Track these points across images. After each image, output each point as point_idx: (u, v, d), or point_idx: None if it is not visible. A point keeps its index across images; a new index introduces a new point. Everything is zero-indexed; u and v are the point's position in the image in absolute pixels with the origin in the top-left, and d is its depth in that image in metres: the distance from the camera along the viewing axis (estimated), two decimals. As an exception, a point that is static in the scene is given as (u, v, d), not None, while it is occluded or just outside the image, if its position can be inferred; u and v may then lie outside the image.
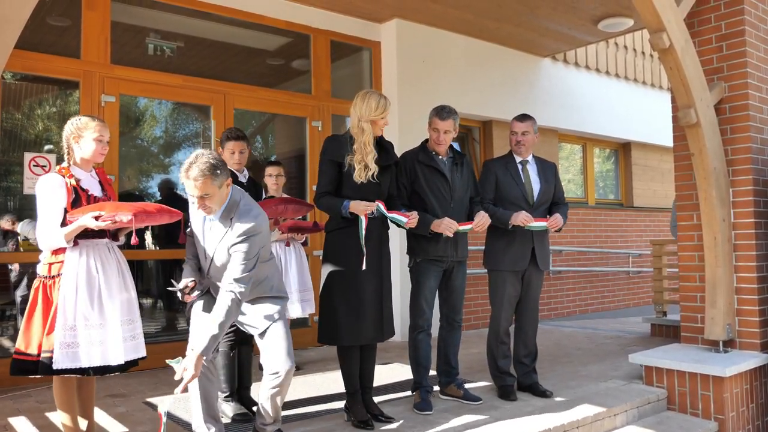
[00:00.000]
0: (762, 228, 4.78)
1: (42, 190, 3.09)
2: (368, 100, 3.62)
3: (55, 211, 3.06)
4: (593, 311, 9.20)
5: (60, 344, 2.94)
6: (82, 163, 3.24)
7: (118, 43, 5.54)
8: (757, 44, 4.91)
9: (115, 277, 3.16)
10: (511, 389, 4.28)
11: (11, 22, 2.05)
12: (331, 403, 4.16)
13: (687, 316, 5.03)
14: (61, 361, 2.93)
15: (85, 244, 3.09)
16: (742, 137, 4.77)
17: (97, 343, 3.02)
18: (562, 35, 7.82)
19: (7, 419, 3.92)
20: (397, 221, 3.70)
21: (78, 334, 2.99)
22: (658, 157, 10.57)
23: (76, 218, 3.02)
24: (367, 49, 7.16)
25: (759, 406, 4.66)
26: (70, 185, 3.11)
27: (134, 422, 3.84)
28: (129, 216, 2.99)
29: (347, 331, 3.57)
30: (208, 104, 5.97)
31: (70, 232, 3.01)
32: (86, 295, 3.03)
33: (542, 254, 4.35)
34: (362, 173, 3.58)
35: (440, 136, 4.06)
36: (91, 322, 3.02)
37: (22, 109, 5.40)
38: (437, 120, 4.06)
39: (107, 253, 3.19)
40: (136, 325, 3.21)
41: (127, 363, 3.13)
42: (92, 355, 3.00)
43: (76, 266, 3.04)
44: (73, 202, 3.09)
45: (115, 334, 3.07)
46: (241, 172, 4.26)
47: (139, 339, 3.22)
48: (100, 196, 3.23)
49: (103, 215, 2.98)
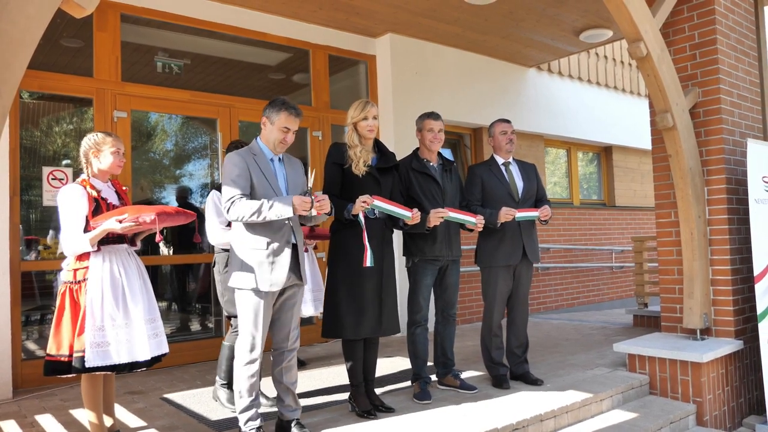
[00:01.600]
0: (735, 224, 4.86)
1: (64, 199, 3.16)
2: (353, 106, 3.79)
3: (79, 219, 3.13)
4: (579, 304, 9.27)
5: (91, 344, 3.01)
6: (101, 174, 3.33)
7: (129, 61, 5.59)
8: (728, 52, 4.99)
9: (136, 280, 3.23)
10: (504, 378, 4.35)
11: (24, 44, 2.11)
12: (335, 395, 4.22)
13: (667, 306, 5.10)
14: (93, 360, 3.01)
15: (107, 249, 3.17)
16: (716, 139, 4.84)
17: (125, 342, 3.09)
18: (546, 46, 7.88)
19: (34, 417, 3.97)
20: (401, 215, 3.69)
21: (106, 333, 3.06)
22: (637, 160, 10.65)
23: (99, 224, 3.10)
24: (363, 62, 7.23)
25: (733, 388, 4.74)
26: (91, 195, 3.19)
27: (152, 417, 3.89)
28: (152, 216, 3.07)
29: (349, 325, 3.62)
30: (215, 117, 6.03)
31: (95, 236, 3.08)
32: (111, 296, 3.10)
33: (532, 248, 4.42)
34: (358, 166, 3.67)
35: (436, 135, 4.15)
36: (117, 322, 3.09)
37: (40, 127, 5.44)
38: (431, 121, 4.16)
39: (127, 257, 3.27)
40: (157, 323, 3.28)
41: (153, 359, 3.20)
42: (121, 352, 3.07)
43: (100, 270, 3.12)
44: (94, 210, 3.17)
45: (140, 333, 3.14)
46: None
47: (161, 336, 3.28)
48: (117, 204, 3.32)
49: (126, 217, 3.06)
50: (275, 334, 3.40)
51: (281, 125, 3.29)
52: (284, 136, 3.30)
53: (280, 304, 3.36)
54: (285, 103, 3.31)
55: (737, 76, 5.09)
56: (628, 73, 10.42)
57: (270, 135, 3.33)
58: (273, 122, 3.31)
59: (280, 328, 3.38)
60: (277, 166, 3.37)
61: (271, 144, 3.34)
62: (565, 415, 3.91)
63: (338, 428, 3.49)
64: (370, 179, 3.71)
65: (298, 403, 3.45)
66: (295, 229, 3.34)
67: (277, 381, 3.41)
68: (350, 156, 3.71)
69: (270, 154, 3.36)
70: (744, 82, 5.17)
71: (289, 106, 3.30)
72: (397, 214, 3.69)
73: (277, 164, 3.38)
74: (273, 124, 3.31)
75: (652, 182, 5.43)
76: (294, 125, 3.31)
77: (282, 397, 3.41)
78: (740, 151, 4.98)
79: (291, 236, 3.30)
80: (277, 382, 3.41)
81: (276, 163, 3.38)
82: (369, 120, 3.73)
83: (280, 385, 3.40)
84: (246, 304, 3.25)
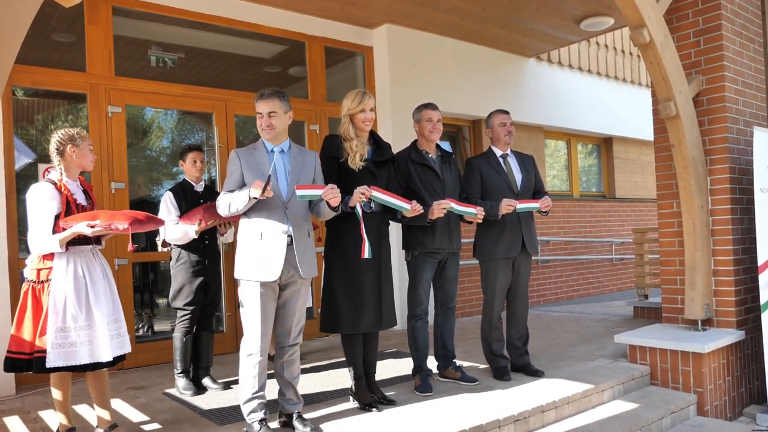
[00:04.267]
0: (737, 214, 4.87)
1: (35, 197, 3.15)
2: (348, 97, 3.77)
3: (48, 219, 3.13)
4: (579, 296, 9.32)
5: (52, 345, 3.05)
6: (72, 171, 3.31)
7: (122, 56, 5.57)
8: (732, 38, 4.95)
9: (101, 280, 3.25)
10: (505, 370, 4.39)
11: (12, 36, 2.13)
12: (337, 388, 4.26)
13: (668, 297, 5.14)
14: (55, 360, 3.05)
15: (72, 250, 3.18)
16: (719, 128, 4.83)
17: (86, 343, 3.12)
18: (546, 35, 7.87)
19: (37, 413, 4.01)
20: (400, 207, 3.65)
21: (69, 335, 3.09)
22: (638, 151, 10.67)
23: (70, 225, 3.10)
24: (360, 54, 7.22)
25: (735, 379, 4.79)
26: (64, 195, 3.18)
27: (154, 412, 3.93)
28: (125, 225, 3.09)
29: (348, 320, 3.64)
30: (210, 111, 6.02)
31: (64, 238, 3.09)
32: (74, 298, 3.12)
33: (530, 240, 4.45)
34: (354, 160, 3.67)
35: (435, 125, 4.18)
36: (79, 323, 3.12)
37: (35, 125, 5.44)
38: (429, 111, 4.20)
39: (92, 258, 3.28)
40: (121, 324, 3.31)
41: (115, 359, 3.23)
42: (82, 353, 3.11)
43: (64, 272, 3.13)
44: (66, 211, 3.17)
45: (103, 333, 3.15)
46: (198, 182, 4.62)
47: (124, 336, 3.30)
48: (86, 204, 3.32)
49: (98, 223, 3.08)
50: (276, 328, 3.43)
51: (256, 113, 3.38)
52: (260, 122, 3.37)
53: (281, 299, 3.39)
54: (258, 92, 3.38)
55: (742, 62, 5.06)
56: (629, 62, 10.43)
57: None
58: (257, 113, 3.40)
59: (281, 323, 3.42)
60: (276, 158, 3.39)
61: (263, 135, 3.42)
62: (566, 406, 3.95)
63: (340, 421, 3.53)
64: (366, 173, 3.70)
65: (299, 397, 3.49)
66: (293, 221, 3.33)
67: (279, 375, 3.45)
68: (346, 149, 3.70)
69: (270, 146, 3.40)
70: (749, 69, 5.15)
71: (259, 93, 3.37)
72: (395, 206, 3.65)
73: (278, 156, 3.40)
74: (257, 115, 3.41)
75: (652, 173, 5.46)
76: (263, 107, 3.34)
77: (283, 390, 3.45)
78: (744, 139, 4.98)
79: (287, 227, 3.30)
80: (279, 375, 3.45)
81: (276, 155, 3.40)
82: (366, 112, 3.71)
83: (281, 378, 3.44)
84: (246, 295, 3.30)
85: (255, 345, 3.27)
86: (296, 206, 3.35)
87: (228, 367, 5.04)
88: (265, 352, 3.32)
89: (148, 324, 6.77)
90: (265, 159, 3.35)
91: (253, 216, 3.31)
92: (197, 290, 4.41)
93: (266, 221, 3.29)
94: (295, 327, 3.44)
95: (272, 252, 3.26)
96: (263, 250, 3.26)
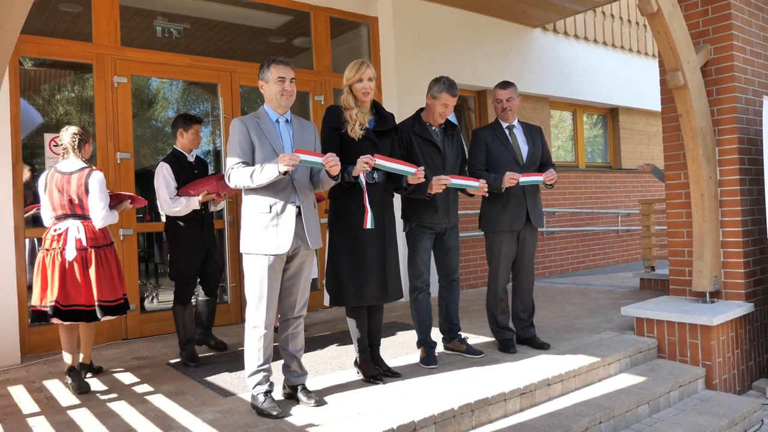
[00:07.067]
0: (746, 184, 4.71)
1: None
2: (348, 67, 3.62)
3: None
4: (585, 268, 9.17)
5: None
6: None
7: (128, 27, 5.44)
8: (741, 7, 4.77)
9: None
10: (511, 343, 4.27)
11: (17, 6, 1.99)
12: (341, 360, 4.16)
13: (675, 269, 4.99)
14: None
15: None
16: (728, 98, 4.67)
17: None
18: (551, 5, 7.63)
19: (42, 382, 3.96)
20: (405, 171, 3.51)
21: None
22: (644, 121, 10.42)
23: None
24: (365, 24, 7.00)
25: (743, 351, 4.65)
26: None
27: (159, 382, 3.84)
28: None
29: (352, 293, 3.54)
30: (215, 82, 5.86)
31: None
32: None
33: (535, 213, 4.29)
34: (354, 128, 3.53)
35: (446, 111, 3.98)
36: None
37: (41, 94, 5.33)
38: (448, 96, 3.93)
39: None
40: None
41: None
42: None
43: None
44: None
45: None
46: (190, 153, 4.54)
47: None
48: None
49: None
50: (281, 300, 3.32)
51: (275, 77, 3.22)
52: (281, 86, 3.22)
53: (287, 271, 3.27)
54: (272, 59, 3.27)
55: (750, 32, 4.88)
56: (635, 32, 10.13)
57: (270, 93, 3.26)
58: (267, 80, 3.25)
59: (287, 295, 3.32)
60: (282, 127, 3.28)
61: (275, 102, 3.26)
62: (573, 379, 3.83)
63: (344, 393, 3.43)
64: (368, 143, 3.55)
65: (303, 369, 3.39)
66: (300, 192, 3.23)
67: (283, 348, 3.34)
68: (346, 118, 3.56)
69: (275, 116, 3.28)
70: (757, 38, 4.97)
71: (277, 59, 3.26)
72: (401, 171, 3.52)
73: (283, 125, 3.29)
74: (268, 81, 3.25)
75: (659, 144, 5.30)
76: (287, 73, 3.24)
77: (288, 363, 3.36)
78: (753, 109, 4.80)
79: (295, 198, 3.20)
80: (283, 348, 3.35)
81: (282, 124, 3.28)
82: (364, 82, 3.56)
83: (285, 351, 3.35)
84: (253, 268, 3.18)
85: (260, 318, 3.17)
86: (302, 177, 3.25)
87: (232, 338, 4.95)
88: (270, 325, 3.21)
89: (153, 294, 6.70)
90: (273, 128, 3.23)
91: (260, 189, 3.17)
92: (194, 259, 4.33)
93: (274, 192, 3.17)
94: (300, 299, 3.34)
95: (282, 224, 3.15)
96: (273, 223, 3.15)
